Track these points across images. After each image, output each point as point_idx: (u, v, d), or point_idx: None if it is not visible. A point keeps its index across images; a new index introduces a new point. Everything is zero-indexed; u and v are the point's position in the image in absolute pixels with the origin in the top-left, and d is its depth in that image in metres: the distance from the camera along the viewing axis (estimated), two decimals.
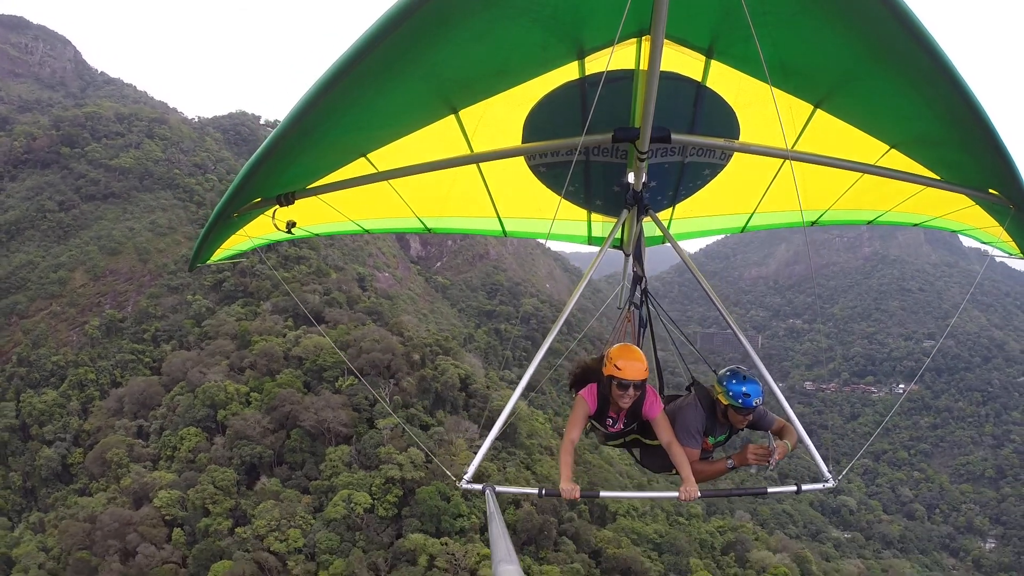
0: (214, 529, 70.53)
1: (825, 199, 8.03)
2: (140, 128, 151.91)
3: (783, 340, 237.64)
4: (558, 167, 6.77)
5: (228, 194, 5.32)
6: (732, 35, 4.65)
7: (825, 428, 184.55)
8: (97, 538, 74.42)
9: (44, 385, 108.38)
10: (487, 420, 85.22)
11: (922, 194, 7.20)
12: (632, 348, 6.98)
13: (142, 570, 69.87)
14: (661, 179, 7.14)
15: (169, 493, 74.47)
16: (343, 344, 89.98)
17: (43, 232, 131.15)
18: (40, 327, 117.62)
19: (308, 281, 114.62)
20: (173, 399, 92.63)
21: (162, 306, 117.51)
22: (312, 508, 71.62)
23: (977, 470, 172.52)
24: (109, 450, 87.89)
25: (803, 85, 5.23)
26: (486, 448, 6.69)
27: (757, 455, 6.84)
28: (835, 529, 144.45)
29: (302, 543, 66.59)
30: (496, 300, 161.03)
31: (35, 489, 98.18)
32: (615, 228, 7.33)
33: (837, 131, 5.78)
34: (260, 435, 78.72)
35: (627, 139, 5.67)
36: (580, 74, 5.14)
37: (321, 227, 7.99)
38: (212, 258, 7.17)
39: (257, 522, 68.33)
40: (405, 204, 7.43)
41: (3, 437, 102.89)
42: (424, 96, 5.04)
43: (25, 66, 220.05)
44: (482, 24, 4.12)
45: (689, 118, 5.96)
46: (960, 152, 5.72)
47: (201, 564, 67.93)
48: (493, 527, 4.90)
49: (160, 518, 73.41)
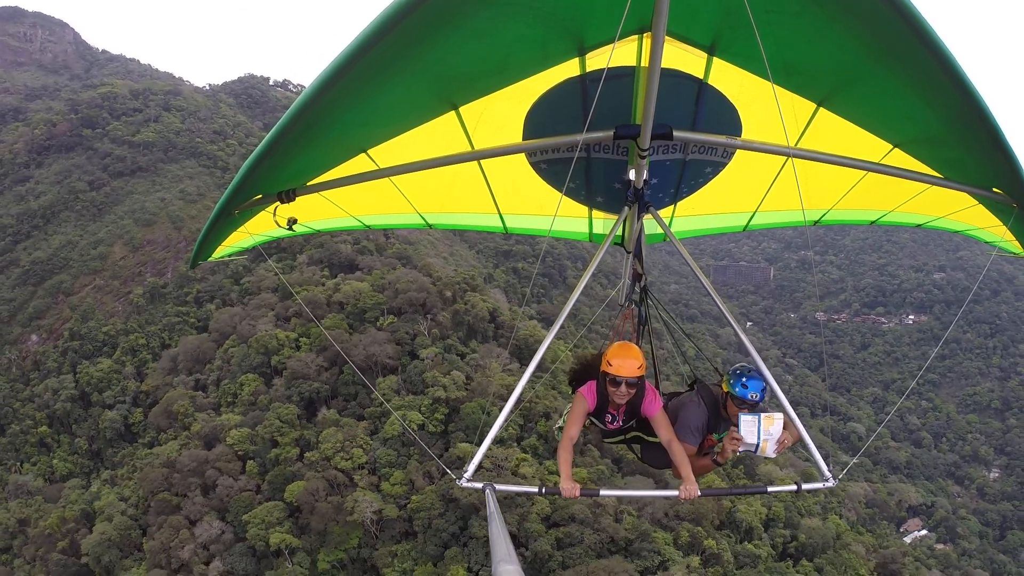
0: (284, 457, 79.80)
1: (827, 199, 8.13)
2: (156, 102, 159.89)
3: (795, 272, 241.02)
4: (559, 164, 6.86)
5: (229, 191, 5.39)
6: (734, 32, 4.69)
7: (837, 358, 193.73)
8: (176, 479, 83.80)
9: (98, 355, 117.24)
10: (516, 356, 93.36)
11: (925, 194, 7.26)
12: (629, 346, 7.25)
13: (222, 500, 79.47)
14: (662, 177, 7.18)
15: (239, 431, 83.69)
16: (380, 287, 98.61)
17: (78, 212, 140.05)
18: (87, 302, 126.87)
19: (336, 232, 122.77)
20: (227, 351, 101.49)
21: (200, 268, 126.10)
22: (369, 431, 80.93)
23: (984, 401, 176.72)
24: (174, 403, 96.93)
25: (806, 83, 5.29)
26: (485, 447, 6.71)
27: (732, 441, 6.99)
28: (844, 454, 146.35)
29: (364, 460, 76.12)
30: (512, 240, 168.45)
31: (101, 451, 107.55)
32: (616, 225, 7.36)
33: (840, 130, 5.84)
34: (315, 373, 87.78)
35: (628, 136, 5.72)
36: (581, 71, 5.20)
37: (322, 223, 8.18)
38: (214, 255, 7.33)
39: (323, 446, 77.59)
40: (406, 200, 7.53)
41: (66, 407, 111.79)
42: (425, 93, 5.15)
43: (26, 54, 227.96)
44: (483, 21, 4.19)
45: (691, 115, 6.03)
46: (964, 151, 5.72)
47: (276, 488, 77.34)
48: (493, 527, 4.92)
49: (233, 454, 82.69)
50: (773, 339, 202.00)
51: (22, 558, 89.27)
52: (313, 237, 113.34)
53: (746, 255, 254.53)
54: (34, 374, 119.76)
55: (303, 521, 73.53)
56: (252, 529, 73.41)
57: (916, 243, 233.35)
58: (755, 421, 6.90)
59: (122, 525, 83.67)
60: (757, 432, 6.89)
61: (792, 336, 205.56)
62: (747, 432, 6.87)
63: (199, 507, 79.82)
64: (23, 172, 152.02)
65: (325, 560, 70.46)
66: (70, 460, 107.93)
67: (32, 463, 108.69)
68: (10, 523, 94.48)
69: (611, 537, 68.36)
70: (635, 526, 70.00)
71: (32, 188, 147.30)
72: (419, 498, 70.13)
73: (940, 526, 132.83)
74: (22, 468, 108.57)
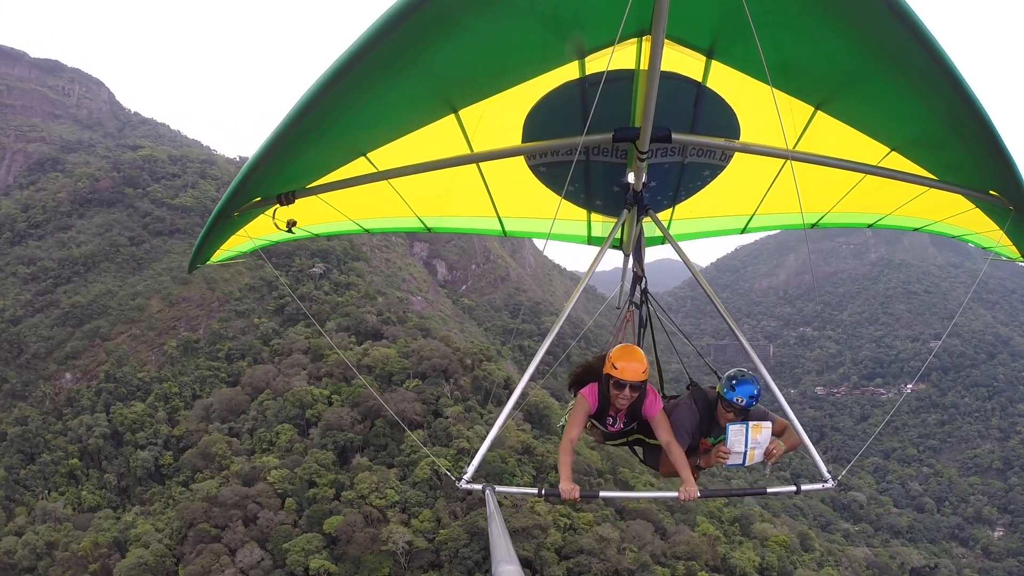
0: (321, 496, 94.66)
1: (825, 201, 8.36)
2: (193, 169, 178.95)
3: (794, 348, 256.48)
4: (558, 167, 7.06)
5: (228, 193, 5.58)
6: (733, 36, 4.87)
7: (837, 431, 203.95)
8: (216, 512, 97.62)
9: (131, 398, 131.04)
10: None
11: (922, 197, 7.53)
12: (633, 349, 7.49)
13: (263, 531, 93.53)
14: (661, 179, 7.42)
15: (279, 471, 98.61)
16: (405, 353, 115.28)
17: (118, 264, 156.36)
18: (122, 348, 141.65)
19: (362, 304, 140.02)
20: (261, 403, 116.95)
21: (232, 328, 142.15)
22: (399, 477, 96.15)
23: (985, 462, 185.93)
24: (212, 446, 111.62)
25: (804, 86, 5.49)
26: (484, 449, 6.90)
27: (720, 455, 7.33)
28: (844, 522, 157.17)
29: (396, 499, 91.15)
30: (519, 319, 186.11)
31: (129, 488, 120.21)
32: (615, 228, 7.65)
33: (838, 133, 6.05)
34: (349, 425, 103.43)
35: (627, 139, 5.93)
36: (580, 74, 5.43)
37: (322, 227, 8.39)
38: (213, 259, 7.73)
39: (359, 486, 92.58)
40: (405, 204, 7.79)
41: (98, 443, 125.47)
42: (424, 95, 5.32)
43: (63, 107, 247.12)
44: (482, 23, 4.33)
45: (689, 118, 6.25)
46: (961, 154, 5.93)
47: (314, 522, 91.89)
48: (493, 527, 5.03)
49: (273, 491, 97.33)
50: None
51: None
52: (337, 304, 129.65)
53: (746, 333, 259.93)
54: (67, 409, 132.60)
55: (339, 551, 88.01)
56: (292, 556, 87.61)
57: (912, 313, 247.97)
58: (742, 430, 7.18)
59: (158, 552, 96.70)
60: (744, 441, 7.18)
61: (792, 412, 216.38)
62: (734, 441, 7.18)
63: (240, 536, 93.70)
64: (65, 220, 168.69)
65: None
66: (98, 493, 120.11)
67: (60, 492, 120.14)
68: (38, 544, 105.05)
69: (615, 568, 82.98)
70: (636, 559, 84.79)
71: (74, 236, 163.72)
72: (446, 531, 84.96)
73: None
74: (50, 496, 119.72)
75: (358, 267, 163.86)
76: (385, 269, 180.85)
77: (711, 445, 7.72)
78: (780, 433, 7.74)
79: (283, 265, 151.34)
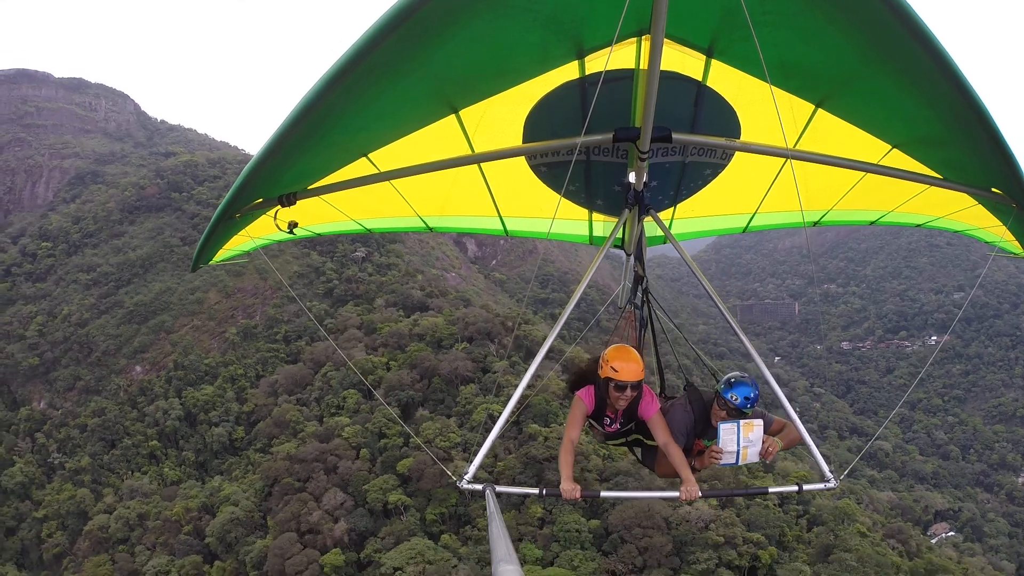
0: (391, 445, 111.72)
1: (827, 199, 8.57)
2: (232, 170, 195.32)
3: (819, 304, 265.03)
4: (559, 167, 7.29)
5: (230, 195, 5.73)
6: (732, 34, 4.98)
7: (864, 383, 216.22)
8: (297, 468, 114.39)
9: (200, 383, 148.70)
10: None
11: (924, 194, 7.66)
12: (628, 349, 7.64)
13: (343, 478, 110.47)
14: (662, 179, 7.59)
15: (352, 427, 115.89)
16: (451, 321, 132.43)
17: (173, 263, 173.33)
18: (186, 339, 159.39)
19: (405, 281, 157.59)
20: (325, 375, 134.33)
21: (286, 312, 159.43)
22: (458, 424, 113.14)
23: (1009, 410, 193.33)
24: (285, 415, 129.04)
25: (804, 85, 5.61)
26: (486, 449, 7.12)
27: (713, 455, 7.37)
28: (870, 469, 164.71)
29: (458, 440, 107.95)
30: (548, 289, 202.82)
31: (207, 462, 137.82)
32: (616, 228, 7.89)
33: (839, 131, 6.18)
34: (410, 384, 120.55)
35: (628, 139, 6.11)
36: (580, 74, 5.57)
37: (323, 227, 8.75)
38: (215, 258, 7.95)
39: (425, 432, 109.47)
40: (407, 204, 8.03)
41: (175, 425, 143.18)
42: (425, 96, 5.48)
43: (92, 123, 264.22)
44: (482, 24, 4.45)
45: (690, 118, 6.41)
46: (963, 152, 6.05)
47: (387, 466, 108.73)
48: (493, 527, 5.18)
49: (348, 445, 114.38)
50: (801, 371, 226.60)
51: (142, 545, 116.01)
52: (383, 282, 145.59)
53: (771, 293, 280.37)
54: (141, 399, 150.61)
55: (411, 488, 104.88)
56: (371, 495, 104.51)
57: (935, 266, 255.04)
58: (734, 429, 7.18)
59: (247, 508, 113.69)
60: (736, 439, 7.19)
61: (819, 367, 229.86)
62: (726, 440, 7.20)
63: (323, 485, 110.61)
64: (117, 228, 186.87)
65: (432, 513, 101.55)
66: (179, 469, 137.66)
67: (143, 472, 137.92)
68: (131, 517, 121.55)
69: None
70: None
71: (128, 242, 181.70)
72: (503, 463, 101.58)
73: (967, 527, 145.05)
74: (134, 475, 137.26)
75: (397, 248, 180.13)
76: (419, 249, 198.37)
77: (705, 447, 7.80)
78: (778, 431, 7.88)
79: (328, 252, 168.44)
